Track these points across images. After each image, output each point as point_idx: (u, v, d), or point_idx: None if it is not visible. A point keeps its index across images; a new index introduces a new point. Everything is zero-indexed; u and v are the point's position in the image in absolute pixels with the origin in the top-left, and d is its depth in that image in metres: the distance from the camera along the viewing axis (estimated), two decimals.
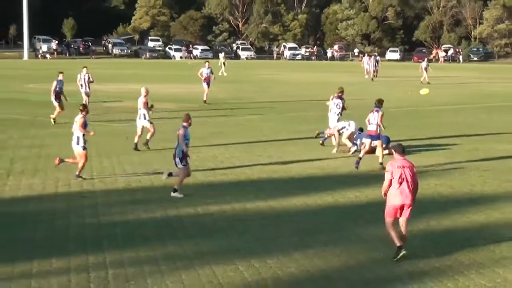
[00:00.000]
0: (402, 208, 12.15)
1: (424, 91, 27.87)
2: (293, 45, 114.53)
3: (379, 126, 20.40)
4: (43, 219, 14.71)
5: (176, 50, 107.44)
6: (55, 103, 30.01)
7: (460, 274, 11.67)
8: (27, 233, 13.66)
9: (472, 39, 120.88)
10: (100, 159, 21.26)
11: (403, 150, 12.46)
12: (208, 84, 39.18)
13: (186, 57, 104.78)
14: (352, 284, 11.44)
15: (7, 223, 14.47)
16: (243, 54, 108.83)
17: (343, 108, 24.49)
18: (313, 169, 20.52)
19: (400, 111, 34.98)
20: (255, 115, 34.01)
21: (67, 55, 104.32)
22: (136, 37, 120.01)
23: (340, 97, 24.52)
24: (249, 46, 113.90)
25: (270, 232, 14.24)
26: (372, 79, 60.55)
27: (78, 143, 18.22)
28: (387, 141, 22.02)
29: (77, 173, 18.25)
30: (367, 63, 66.40)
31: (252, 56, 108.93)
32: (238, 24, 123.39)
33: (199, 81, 40.17)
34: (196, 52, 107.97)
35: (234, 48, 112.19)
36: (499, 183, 18.95)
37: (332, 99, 24.57)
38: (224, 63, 66.28)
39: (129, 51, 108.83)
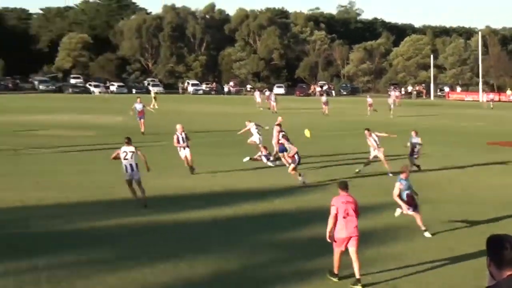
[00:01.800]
0: (348, 240, 11.18)
1: (306, 132, 24.82)
2: (195, 81, 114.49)
3: None
4: None
5: (95, 86, 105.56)
6: None
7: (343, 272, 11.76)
8: None
9: (342, 77, 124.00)
10: (29, 178, 20.56)
11: (347, 186, 11.56)
12: (141, 117, 37.67)
13: (104, 92, 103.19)
14: (262, 281, 11.35)
15: None
16: (153, 89, 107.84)
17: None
18: (217, 186, 20.49)
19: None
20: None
21: None
22: (60, 75, 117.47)
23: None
24: (158, 83, 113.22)
25: (186, 237, 14.06)
26: (276, 112, 59.33)
27: None
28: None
29: None
30: (259, 96, 67.03)
31: (161, 91, 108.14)
32: (148, 64, 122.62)
33: (115, 112, 39.56)
34: (112, 88, 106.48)
35: (146, 84, 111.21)
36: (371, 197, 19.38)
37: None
38: (155, 98, 64.70)
39: (53, 87, 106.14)
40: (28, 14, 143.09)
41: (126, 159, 16.59)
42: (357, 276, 11.16)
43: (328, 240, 11.22)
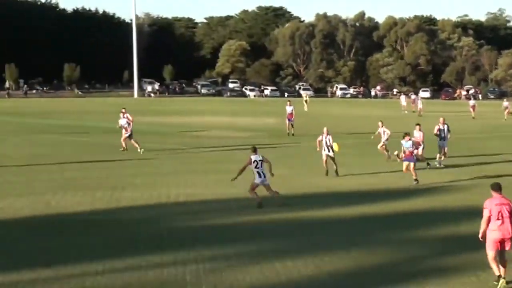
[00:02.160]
0: (502, 242, 10.67)
1: (335, 146, 22.08)
2: (344, 86, 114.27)
3: None
4: (149, 223, 14.97)
5: (250, 90, 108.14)
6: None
7: (481, 270, 11.41)
8: (138, 235, 13.93)
9: (489, 81, 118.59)
10: (191, 176, 21.56)
11: (500, 188, 10.89)
12: (290, 119, 37.69)
13: (258, 96, 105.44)
14: (401, 276, 11.29)
15: (121, 226, 14.80)
16: (303, 93, 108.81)
17: None
18: (360, 185, 20.39)
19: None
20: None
21: (167, 94, 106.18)
22: (219, 80, 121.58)
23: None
24: (309, 87, 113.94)
25: (329, 233, 14.23)
26: (421, 115, 58.04)
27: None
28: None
29: None
30: (405, 100, 66.02)
31: (311, 94, 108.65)
32: (300, 70, 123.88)
33: (268, 114, 40.34)
34: (266, 92, 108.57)
35: (297, 88, 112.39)
36: None
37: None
38: (306, 101, 65.09)
39: (213, 91, 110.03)
40: (194, 23, 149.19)
41: (257, 167, 17.00)
42: (502, 273, 10.72)
43: (481, 240, 10.83)
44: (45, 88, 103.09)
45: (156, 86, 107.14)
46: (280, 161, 23.30)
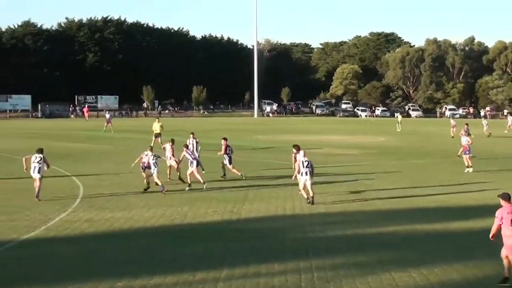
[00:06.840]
0: None
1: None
2: (452, 106, 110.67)
3: None
4: (266, 234, 15.15)
5: (362, 110, 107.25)
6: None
7: None
8: (257, 244, 14.11)
9: None
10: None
11: (510, 198, 10.91)
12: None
13: (369, 116, 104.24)
14: None
15: (241, 236, 15.08)
16: (413, 113, 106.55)
17: None
18: (470, 200, 19.65)
19: None
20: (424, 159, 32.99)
21: (283, 114, 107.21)
22: (333, 101, 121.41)
23: None
24: (418, 108, 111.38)
25: (435, 247, 13.83)
26: None
27: None
28: None
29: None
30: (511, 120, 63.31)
31: (420, 115, 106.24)
32: (409, 91, 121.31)
33: (379, 133, 39.71)
34: (377, 112, 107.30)
35: (406, 109, 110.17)
36: None
37: None
38: (400, 122, 63.59)
39: (327, 111, 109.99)
40: (310, 48, 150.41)
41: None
42: (506, 275, 10.93)
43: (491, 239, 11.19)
44: (176, 109, 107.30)
45: (274, 106, 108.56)
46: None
